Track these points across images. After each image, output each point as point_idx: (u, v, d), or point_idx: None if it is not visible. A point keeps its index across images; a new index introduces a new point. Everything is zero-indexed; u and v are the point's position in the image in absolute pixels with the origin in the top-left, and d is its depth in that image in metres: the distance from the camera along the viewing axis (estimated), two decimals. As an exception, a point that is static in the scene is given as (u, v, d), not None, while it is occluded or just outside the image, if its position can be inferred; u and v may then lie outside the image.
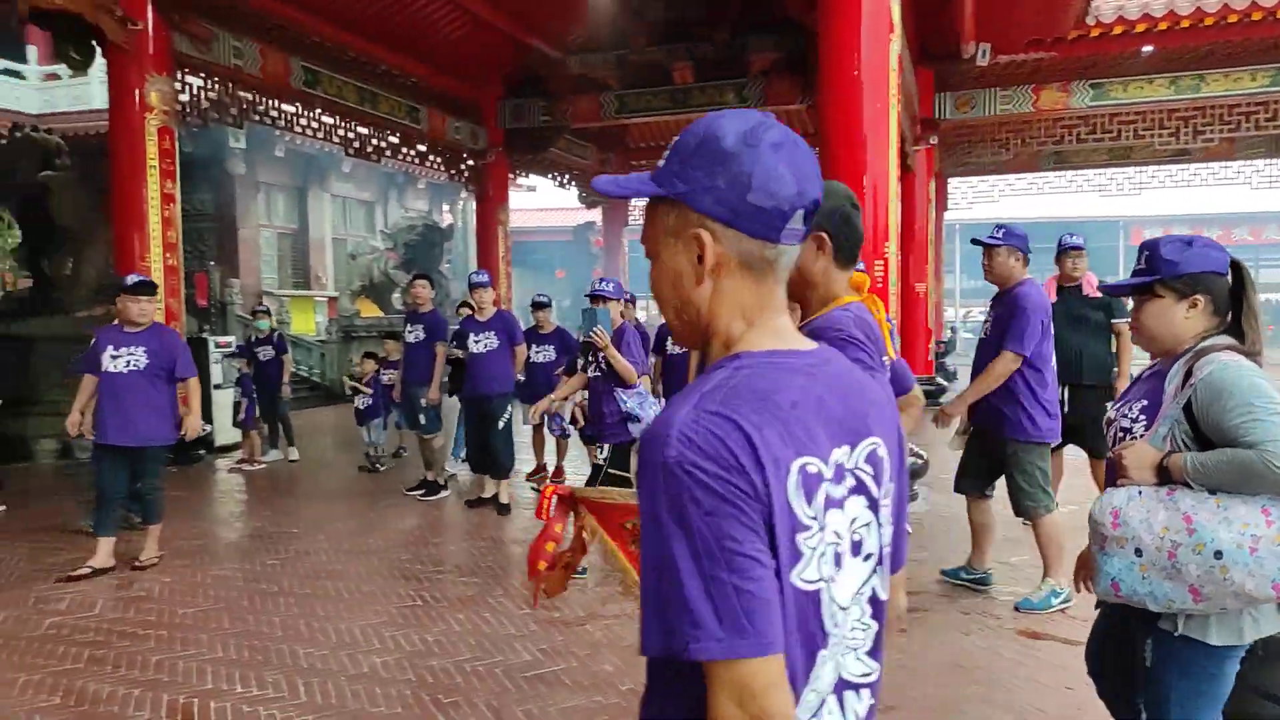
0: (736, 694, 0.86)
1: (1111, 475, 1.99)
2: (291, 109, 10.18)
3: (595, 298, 5.09)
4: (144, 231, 7.79)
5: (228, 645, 4.00)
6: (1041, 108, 12.98)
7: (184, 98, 8.45)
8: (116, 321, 5.30)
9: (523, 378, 7.21)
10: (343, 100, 10.47)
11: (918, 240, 12.59)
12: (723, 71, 11.43)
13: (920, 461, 6.41)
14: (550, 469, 7.92)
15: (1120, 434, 2.09)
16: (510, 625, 4.19)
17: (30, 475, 8.41)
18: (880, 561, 1.03)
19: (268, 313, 9.28)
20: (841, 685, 0.99)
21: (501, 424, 6.63)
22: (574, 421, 6.45)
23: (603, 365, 4.93)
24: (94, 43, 7.53)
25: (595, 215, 22.72)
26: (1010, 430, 4.24)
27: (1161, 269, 2.01)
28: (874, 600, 1.03)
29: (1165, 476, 1.85)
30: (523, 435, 7.82)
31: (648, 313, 17.02)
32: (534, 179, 21.60)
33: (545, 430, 7.69)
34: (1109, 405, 2.26)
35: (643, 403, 5.08)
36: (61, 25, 7.28)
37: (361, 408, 8.61)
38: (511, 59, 12.17)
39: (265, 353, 8.75)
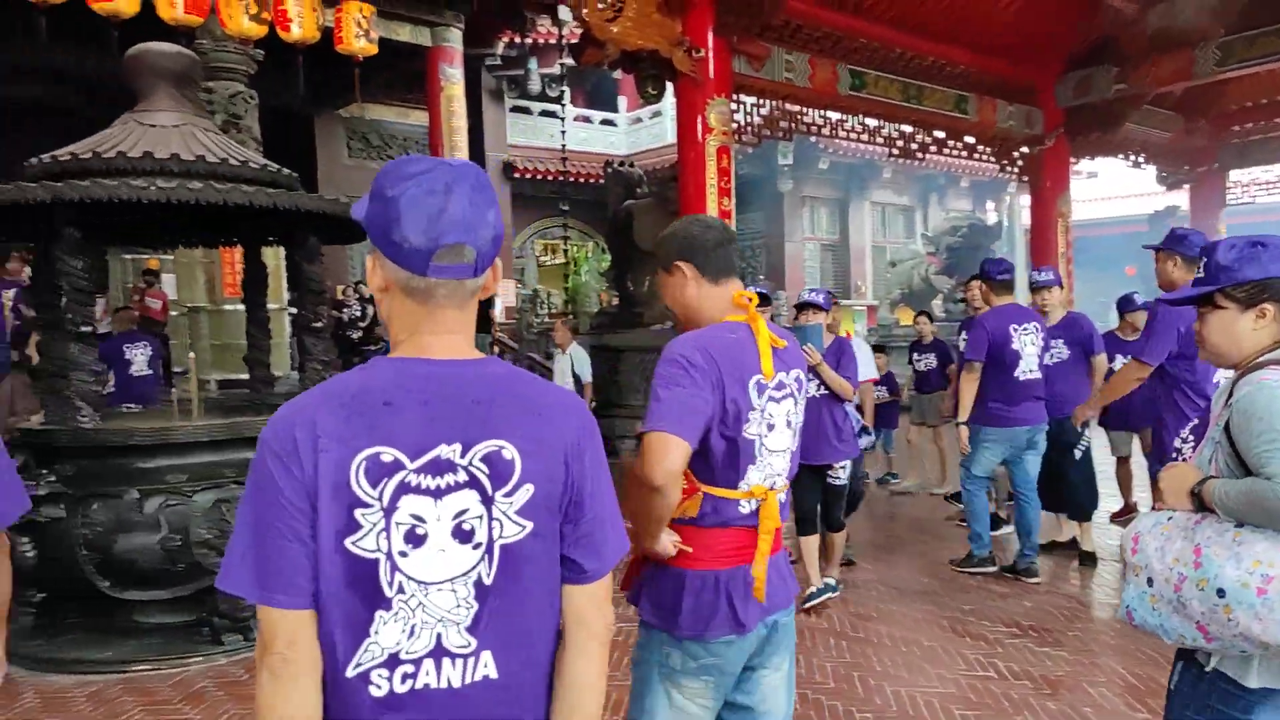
0: (260, 634, 1.10)
1: None
2: (836, 116, 10.13)
3: (802, 308, 4.72)
4: (703, 248, 8.28)
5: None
6: None
7: (739, 117, 8.84)
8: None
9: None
10: (888, 99, 10.09)
11: None
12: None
13: None
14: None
15: (1173, 455, 2.03)
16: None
17: (613, 470, 9.53)
18: (490, 552, 1.13)
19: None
20: (440, 652, 1.12)
21: (1079, 453, 5.51)
22: None
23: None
24: (664, 76, 8.22)
25: (1177, 198, 19.01)
26: None
27: (1219, 276, 1.76)
28: (479, 584, 1.13)
29: (1202, 502, 1.65)
30: (1105, 466, 6.48)
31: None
32: (1095, 163, 18.92)
33: (1133, 462, 6.28)
34: None
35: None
36: (641, 65, 8.08)
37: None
38: (1076, 25, 10.56)
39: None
